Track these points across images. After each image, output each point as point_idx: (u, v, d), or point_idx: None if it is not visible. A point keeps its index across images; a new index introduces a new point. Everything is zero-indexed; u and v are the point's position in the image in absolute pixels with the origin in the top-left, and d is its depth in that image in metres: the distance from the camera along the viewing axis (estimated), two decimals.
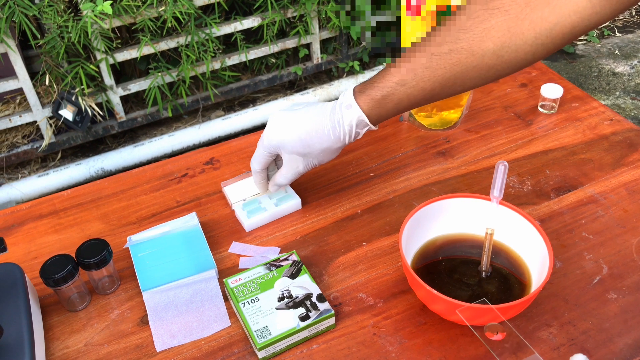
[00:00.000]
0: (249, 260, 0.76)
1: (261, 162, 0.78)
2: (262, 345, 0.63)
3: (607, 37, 2.75)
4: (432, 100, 0.69)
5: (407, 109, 0.71)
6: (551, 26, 0.59)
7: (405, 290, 0.71)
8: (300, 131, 0.73)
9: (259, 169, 0.79)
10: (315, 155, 0.75)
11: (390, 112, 0.71)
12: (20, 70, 1.81)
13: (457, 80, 0.65)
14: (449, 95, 0.69)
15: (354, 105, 0.71)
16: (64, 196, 0.87)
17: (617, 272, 0.72)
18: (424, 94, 0.67)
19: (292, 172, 0.77)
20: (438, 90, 0.67)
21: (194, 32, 1.96)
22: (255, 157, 0.78)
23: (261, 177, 0.80)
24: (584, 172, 0.85)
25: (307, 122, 0.73)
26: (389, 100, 0.69)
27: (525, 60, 0.62)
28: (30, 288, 0.69)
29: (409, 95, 0.68)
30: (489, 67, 0.63)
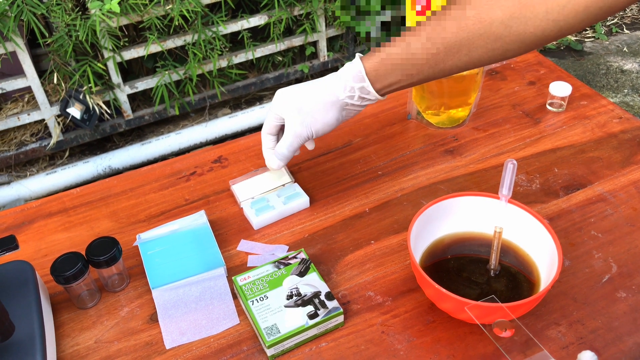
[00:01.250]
0: (257, 258, 0.76)
1: (268, 126, 0.78)
2: (271, 343, 0.63)
3: (615, 34, 2.74)
4: (436, 68, 0.68)
5: (409, 74, 0.69)
6: (564, 3, 0.58)
7: (413, 288, 0.71)
8: (303, 89, 0.75)
9: (265, 132, 0.78)
10: (309, 109, 0.73)
11: (392, 75, 0.70)
12: (28, 69, 1.82)
13: (463, 48, 0.64)
14: (454, 65, 0.67)
15: (355, 60, 0.71)
16: (73, 194, 0.87)
17: (627, 270, 0.71)
18: (427, 57, 0.66)
19: (290, 134, 0.75)
20: (442, 55, 0.66)
21: (201, 30, 1.97)
22: (264, 122, 0.79)
23: (267, 143, 0.79)
24: (592, 171, 0.85)
25: (312, 83, 0.75)
26: (392, 59, 0.68)
27: (534, 35, 0.61)
28: (41, 285, 0.70)
29: (412, 55, 0.67)
30: (496, 37, 0.62)
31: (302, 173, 0.88)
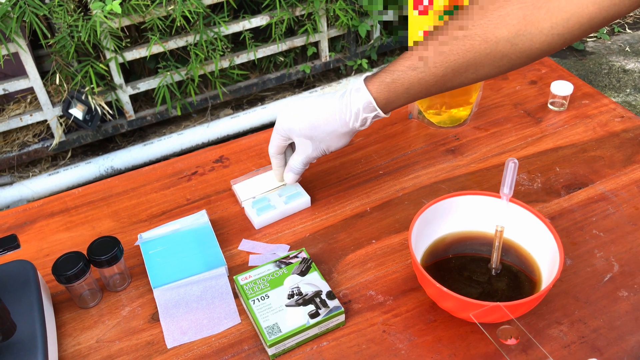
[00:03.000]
0: (258, 258, 0.76)
1: (275, 146, 0.79)
2: (272, 342, 0.63)
3: (617, 33, 2.73)
4: (443, 87, 0.68)
5: (417, 96, 0.69)
6: (568, 16, 0.58)
7: (414, 287, 0.71)
8: (309, 114, 0.74)
9: (274, 153, 0.80)
10: (322, 138, 0.75)
11: (400, 98, 0.70)
12: (30, 70, 1.83)
13: (470, 67, 0.65)
14: (460, 83, 0.68)
15: (362, 88, 0.71)
16: (75, 194, 0.87)
17: (628, 269, 0.71)
18: (435, 79, 0.67)
19: (303, 156, 0.77)
20: (450, 76, 0.66)
21: (203, 31, 1.97)
22: (270, 143, 0.79)
23: (277, 162, 0.81)
24: (594, 170, 0.85)
25: (317, 107, 0.74)
26: (399, 85, 0.68)
27: (540, 50, 0.61)
28: (43, 285, 0.70)
29: (419, 80, 0.67)
30: (503, 55, 0.62)
31: (303, 173, 0.88)
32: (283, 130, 0.76)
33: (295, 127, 0.75)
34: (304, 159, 0.78)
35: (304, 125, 0.74)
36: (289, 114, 0.76)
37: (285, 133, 0.77)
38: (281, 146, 0.79)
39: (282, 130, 0.77)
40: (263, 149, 0.93)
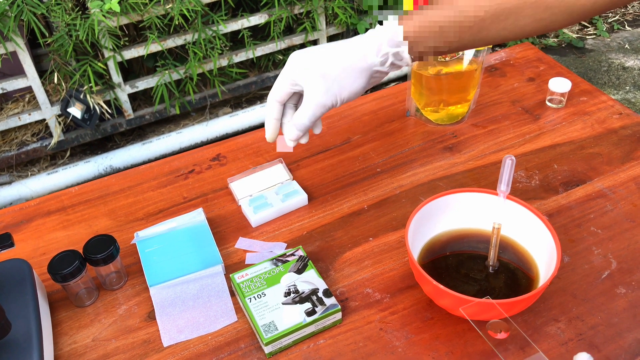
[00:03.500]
0: (255, 256, 0.76)
1: (278, 91, 0.68)
2: (268, 340, 0.63)
3: (616, 31, 2.73)
4: (478, 35, 0.63)
5: (449, 41, 0.64)
6: None
7: (411, 285, 0.71)
8: (326, 50, 0.66)
9: (274, 99, 0.69)
10: (335, 76, 0.65)
11: (430, 39, 0.63)
12: (29, 69, 1.82)
13: (511, 15, 0.61)
14: (496, 34, 0.63)
15: (390, 23, 0.63)
16: (71, 193, 0.87)
17: (626, 266, 0.71)
18: (473, 23, 0.62)
19: (312, 104, 0.66)
20: (488, 22, 0.62)
21: (201, 29, 1.97)
22: (273, 89, 0.69)
23: (273, 112, 0.70)
24: (592, 167, 0.85)
25: (336, 43, 0.67)
26: (433, 24, 0.62)
27: (583, 7, 0.58)
28: (39, 284, 0.70)
29: (456, 22, 0.62)
30: (546, 7, 0.59)
31: (301, 170, 0.88)
32: (293, 70, 0.66)
33: (308, 64, 0.65)
34: (313, 108, 0.66)
35: (317, 60, 0.65)
36: (302, 52, 0.67)
37: (295, 74, 0.66)
38: (286, 93, 0.68)
39: (292, 71, 0.66)
40: (260, 147, 0.93)
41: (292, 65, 0.67)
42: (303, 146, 0.93)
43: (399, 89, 1.02)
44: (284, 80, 0.68)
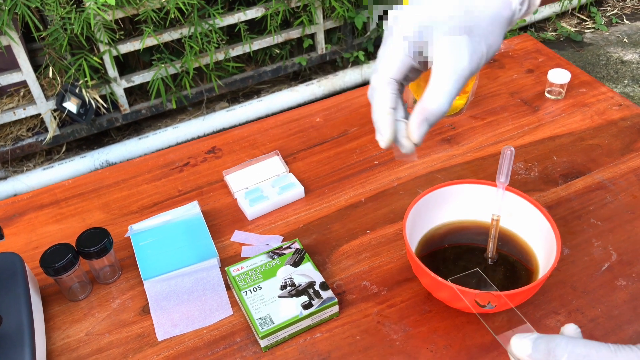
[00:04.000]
0: (251, 249, 0.75)
1: (393, 66, 0.46)
2: (264, 334, 0.62)
3: (615, 24, 2.72)
4: None
5: None
6: None
7: (409, 278, 0.70)
8: None
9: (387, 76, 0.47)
10: (483, 29, 0.47)
11: None
12: (23, 63, 1.81)
13: None
14: None
15: None
16: (65, 186, 0.86)
17: (627, 258, 0.70)
18: None
19: (455, 74, 0.46)
20: None
21: (197, 23, 1.95)
22: (383, 63, 0.47)
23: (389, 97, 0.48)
24: (592, 158, 0.84)
25: None
26: None
27: None
28: (31, 278, 0.68)
29: None
30: None
31: (297, 163, 0.87)
32: (413, 29, 0.46)
33: (438, 18, 0.45)
34: (454, 79, 0.45)
35: (453, 12, 0.46)
36: (415, 5, 0.47)
37: (420, 35, 0.45)
38: (406, 65, 0.46)
39: (413, 31, 0.46)
40: (256, 139, 0.92)
41: (409, 23, 0.46)
42: (299, 138, 0.91)
43: None
44: (399, 47, 0.46)
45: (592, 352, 0.40)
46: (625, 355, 0.40)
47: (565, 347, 0.41)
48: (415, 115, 0.48)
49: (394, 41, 0.47)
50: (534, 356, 0.43)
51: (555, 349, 0.42)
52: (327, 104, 0.97)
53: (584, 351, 0.41)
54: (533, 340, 0.43)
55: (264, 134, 0.93)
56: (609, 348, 0.40)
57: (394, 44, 0.47)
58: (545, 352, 0.42)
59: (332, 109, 0.96)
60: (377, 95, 0.48)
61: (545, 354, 0.42)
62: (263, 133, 0.93)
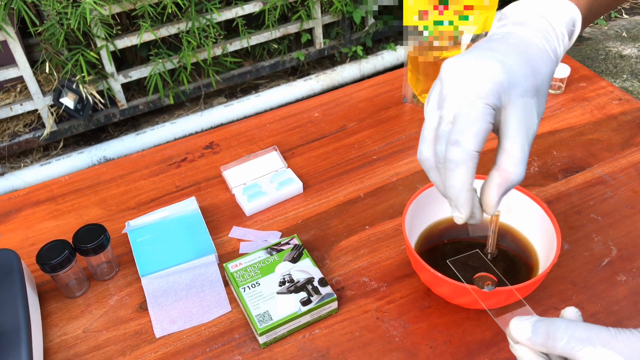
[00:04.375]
0: (249, 245, 0.74)
1: (478, 136, 0.44)
2: (263, 330, 0.62)
3: (614, 19, 2.71)
4: None
5: None
6: None
7: (409, 274, 0.69)
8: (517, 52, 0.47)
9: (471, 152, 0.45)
10: (544, 89, 0.48)
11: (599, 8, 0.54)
12: (20, 58, 1.80)
13: None
14: None
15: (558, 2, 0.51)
16: (61, 182, 0.85)
17: (627, 253, 0.70)
18: None
19: (531, 131, 0.46)
20: None
21: (195, 18, 1.94)
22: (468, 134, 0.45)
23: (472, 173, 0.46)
24: (592, 153, 0.83)
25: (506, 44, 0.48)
26: None
27: None
28: (27, 274, 0.68)
29: None
30: None
31: (295, 158, 0.86)
32: (495, 88, 0.44)
33: (516, 74, 0.45)
34: (530, 137, 0.46)
35: (525, 68, 0.46)
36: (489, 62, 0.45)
37: (499, 96, 0.45)
38: (488, 132, 0.45)
39: (494, 89, 0.44)
40: (254, 134, 0.91)
41: (485, 83, 0.45)
42: (298, 133, 0.91)
43: (395, 75, 1.00)
44: (481, 114, 0.44)
45: (593, 336, 0.40)
46: (626, 339, 0.39)
47: (566, 330, 0.41)
48: (494, 186, 0.48)
49: (472, 105, 0.45)
50: (533, 339, 0.42)
51: (555, 332, 0.41)
52: (325, 99, 0.97)
53: (584, 334, 0.40)
54: (532, 323, 0.42)
55: (261, 129, 0.92)
56: (609, 331, 0.40)
57: (473, 110, 0.45)
58: (545, 335, 0.41)
59: (330, 104, 0.96)
60: (461, 171, 0.46)
61: (544, 337, 0.41)
62: (261, 128, 0.92)
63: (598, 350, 0.39)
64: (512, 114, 0.46)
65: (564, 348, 0.40)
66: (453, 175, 0.46)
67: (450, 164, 0.46)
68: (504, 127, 0.47)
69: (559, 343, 0.40)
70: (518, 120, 0.46)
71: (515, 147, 0.46)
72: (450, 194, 0.48)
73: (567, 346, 0.40)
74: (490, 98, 0.45)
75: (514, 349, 0.44)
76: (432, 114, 0.48)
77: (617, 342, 0.39)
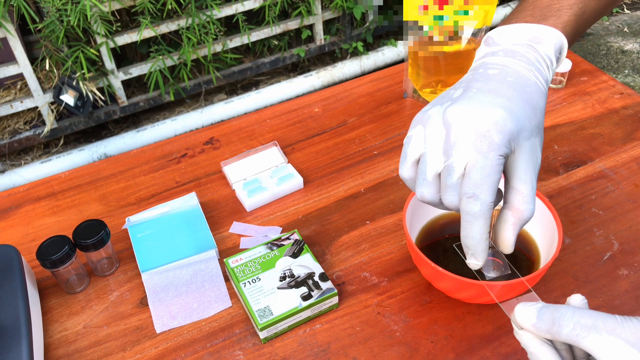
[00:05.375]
0: (250, 240, 0.74)
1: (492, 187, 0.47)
2: (263, 325, 0.61)
3: (615, 14, 2.70)
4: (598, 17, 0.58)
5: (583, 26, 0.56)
6: None
7: (409, 268, 0.69)
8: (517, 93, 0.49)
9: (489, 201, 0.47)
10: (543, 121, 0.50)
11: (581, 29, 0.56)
12: (20, 55, 1.80)
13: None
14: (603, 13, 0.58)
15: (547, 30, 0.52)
16: (61, 178, 0.85)
17: (628, 248, 0.70)
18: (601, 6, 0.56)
19: (535, 173, 0.49)
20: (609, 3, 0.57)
21: (195, 14, 1.93)
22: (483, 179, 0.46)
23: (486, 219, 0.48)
24: (593, 147, 0.83)
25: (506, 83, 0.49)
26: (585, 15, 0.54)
27: None
28: (28, 270, 0.68)
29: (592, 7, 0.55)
30: None
31: (296, 154, 0.86)
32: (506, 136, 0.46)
33: (522, 119, 0.47)
34: (536, 178, 0.49)
35: (528, 111, 0.48)
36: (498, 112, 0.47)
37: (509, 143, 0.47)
38: (500, 181, 0.47)
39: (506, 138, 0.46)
40: (254, 130, 0.91)
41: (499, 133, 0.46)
42: (298, 129, 0.91)
43: (395, 70, 1.00)
44: (495, 168, 0.46)
45: (599, 323, 0.39)
46: (632, 327, 0.39)
47: (572, 317, 0.40)
48: (509, 227, 0.50)
49: (487, 158, 0.46)
50: (538, 325, 0.41)
51: (561, 319, 0.40)
52: (325, 94, 0.97)
53: (590, 322, 0.40)
54: (538, 309, 0.42)
55: (262, 125, 0.92)
56: (615, 319, 0.39)
57: (489, 162, 0.46)
58: (550, 322, 0.41)
59: (330, 99, 0.96)
60: (480, 223, 0.48)
61: (550, 323, 0.41)
62: (261, 124, 0.92)
63: (604, 337, 0.39)
64: (521, 157, 0.48)
65: (569, 335, 0.40)
66: (472, 227, 0.48)
67: (469, 216, 0.48)
68: (512, 169, 0.49)
69: (564, 330, 0.40)
70: (526, 162, 0.48)
71: (525, 187, 0.49)
72: (469, 244, 0.49)
73: (573, 333, 0.40)
74: (503, 149, 0.47)
75: (518, 334, 0.44)
76: (435, 157, 0.49)
77: (624, 329, 0.39)
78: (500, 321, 0.63)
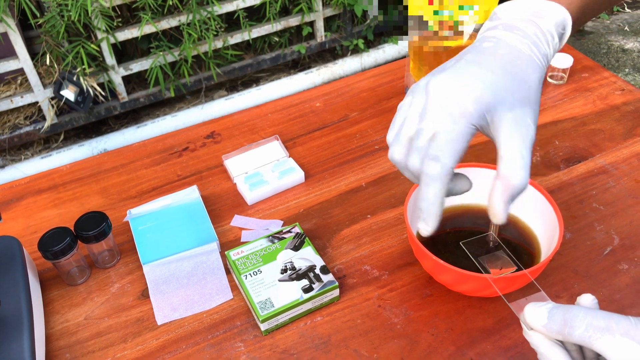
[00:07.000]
0: (251, 234, 0.74)
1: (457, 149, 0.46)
2: (264, 318, 0.62)
3: (616, 13, 2.70)
4: None
5: None
6: None
7: (410, 262, 0.69)
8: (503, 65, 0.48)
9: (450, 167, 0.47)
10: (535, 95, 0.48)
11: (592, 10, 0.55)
12: (20, 50, 1.79)
13: None
14: None
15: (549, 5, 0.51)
16: (63, 171, 0.85)
17: (629, 242, 0.70)
18: None
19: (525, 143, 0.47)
20: None
21: (196, 10, 1.93)
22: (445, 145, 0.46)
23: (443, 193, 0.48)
24: (594, 143, 0.83)
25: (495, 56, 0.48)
26: None
27: None
28: (29, 262, 0.68)
29: None
30: None
31: (297, 148, 0.86)
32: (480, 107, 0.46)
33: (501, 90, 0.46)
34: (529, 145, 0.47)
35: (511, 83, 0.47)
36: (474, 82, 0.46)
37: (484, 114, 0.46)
38: (465, 150, 0.47)
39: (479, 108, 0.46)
40: (255, 124, 0.91)
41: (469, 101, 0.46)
42: (299, 123, 0.91)
43: (397, 65, 1.00)
44: (463, 133, 0.45)
45: (612, 325, 0.38)
46: None
47: (584, 318, 0.39)
48: (499, 194, 0.48)
49: (456, 123, 0.46)
50: (549, 326, 0.41)
51: (573, 320, 0.39)
52: (327, 89, 0.97)
53: (603, 323, 0.39)
54: (549, 310, 0.41)
55: (263, 119, 0.92)
56: (629, 320, 0.38)
57: (456, 127, 0.46)
58: (562, 323, 0.40)
59: (332, 94, 0.96)
60: (436, 185, 0.47)
61: (561, 324, 0.40)
62: (262, 118, 0.92)
63: (617, 339, 0.38)
64: (502, 126, 0.47)
65: (582, 336, 0.39)
66: (428, 189, 0.48)
67: (427, 177, 0.48)
68: (497, 138, 0.48)
69: (576, 331, 0.39)
70: (509, 130, 0.47)
71: (510, 153, 0.47)
72: (422, 206, 0.49)
73: (585, 334, 0.39)
74: (475, 118, 0.46)
75: (528, 335, 0.43)
76: (411, 121, 0.49)
77: (638, 331, 0.38)
78: (501, 314, 0.63)
